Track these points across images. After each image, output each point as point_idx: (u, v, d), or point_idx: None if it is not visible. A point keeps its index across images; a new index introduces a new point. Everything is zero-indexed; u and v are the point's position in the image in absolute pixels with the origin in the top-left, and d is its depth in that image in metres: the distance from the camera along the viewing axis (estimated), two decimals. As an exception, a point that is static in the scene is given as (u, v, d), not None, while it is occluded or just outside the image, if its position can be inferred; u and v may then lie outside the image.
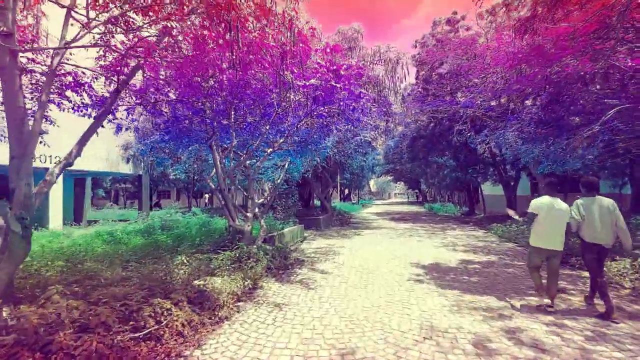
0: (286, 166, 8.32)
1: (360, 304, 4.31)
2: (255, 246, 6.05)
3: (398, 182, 62.41)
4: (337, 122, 7.62)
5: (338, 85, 5.22)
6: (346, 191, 48.75)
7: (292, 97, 5.75)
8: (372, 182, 68.73)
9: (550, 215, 4.04)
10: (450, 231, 12.35)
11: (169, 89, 5.32)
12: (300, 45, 4.42)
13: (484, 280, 5.43)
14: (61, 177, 12.08)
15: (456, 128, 12.31)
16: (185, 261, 4.25)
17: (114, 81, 3.97)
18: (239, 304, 4.03)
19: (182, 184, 27.05)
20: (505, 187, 17.62)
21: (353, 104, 6.24)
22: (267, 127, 6.12)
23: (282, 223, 9.33)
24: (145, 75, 4.35)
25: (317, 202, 21.19)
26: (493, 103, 11.40)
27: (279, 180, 7.87)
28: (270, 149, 6.30)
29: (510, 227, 11.36)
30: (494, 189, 21.81)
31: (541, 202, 4.15)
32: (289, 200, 12.01)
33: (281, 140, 6.30)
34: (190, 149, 7.24)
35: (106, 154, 13.64)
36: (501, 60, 8.98)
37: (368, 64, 13.73)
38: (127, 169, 14.79)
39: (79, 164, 13.86)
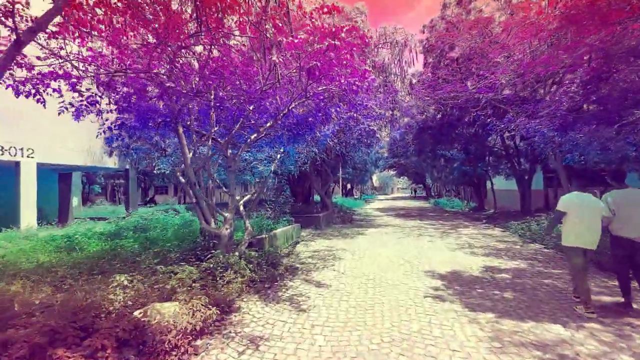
0: (279, 157, 7.20)
1: (365, 336, 3.21)
2: (237, 253, 4.96)
3: (401, 177, 61.21)
4: (337, 106, 6.49)
5: (339, 53, 4.08)
6: (348, 186, 47.65)
7: (279, 66, 4.62)
8: (375, 177, 67.51)
9: (583, 212, 3.77)
10: (463, 229, 11.21)
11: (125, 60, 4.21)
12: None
13: (520, 296, 4.31)
14: (34, 171, 11.04)
15: (473, 114, 11.07)
16: (126, 283, 3.18)
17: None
18: (198, 341, 2.95)
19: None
20: (519, 181, 16.40)
21: (356, 83, 5.07)
22: (251, 108, 4.99)
23: (274, 222, 8.23)
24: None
25: (317, 198, 20.11)
26: (517, 87, 10.13)
27: (268, 173, 6.76)
28: (255, 135, 5.17)
29: (531, 225, 10.20)
30: (504, 184, 20.59)
31: (570, 199, 3.90)
32: (280, 196, 10.90)
33: (268, 125, 5.17)
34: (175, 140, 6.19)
35: (88, 147, 12.57)
36: (528, 33, 7.76)
37: (372, 47, 12.51)
38: (111, 163, 13.73)
39: (58, 158, 12.86)
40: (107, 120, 5.46)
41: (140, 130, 6.18)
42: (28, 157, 10.74)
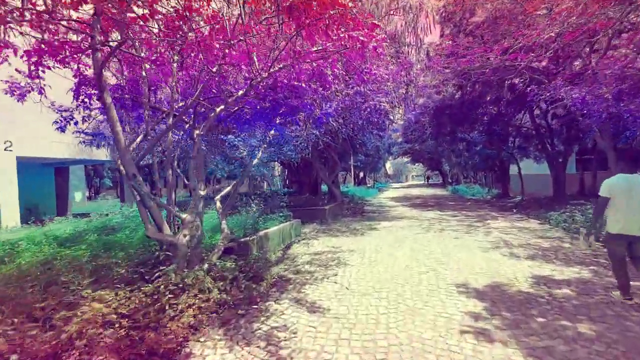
0: (268, 141, 5.90)
1: None
2: (206, 266, 3.72)
3: (416, 164, 59.11)
4: (335, 68, 5.10)
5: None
6: (361, 175, 46.09)
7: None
8: (388, 164, 65.49)
9: (631, 196, 3.39)
10: (492, 221, 9.69)
11: None
12: None
13: (605, 331, 2.91)
14: (14, 166, 10.16)
15: (508, 82, 9.35)
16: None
17: None
18: None
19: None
20: (552, 163, 14.58)
21: (361, 38, 3.65)
22: (214, 70, 3.66)
23: (265, 220, 6.98)
24: None
25: (326, 188, 18.74)
26: (563, 48, 8.32)
27: (256, 160, 5.48)
28: (221, 107, 3.85)
29: (575, 216, 8.60)
30: (531, 168, 18.69)
31: (616, 183, 3.51)
32: (268, 187, 9.61)
33: (240, 93, 3.83)
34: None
35: (72, 139, 11.59)
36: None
37: (382, 14, 10.87)
38: (102, 155, 12.78)
39: (40, 151, 11.97)
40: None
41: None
42: (5, 150, 9.85)
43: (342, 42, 3.64)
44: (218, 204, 4.73)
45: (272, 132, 5.94)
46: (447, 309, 3.53)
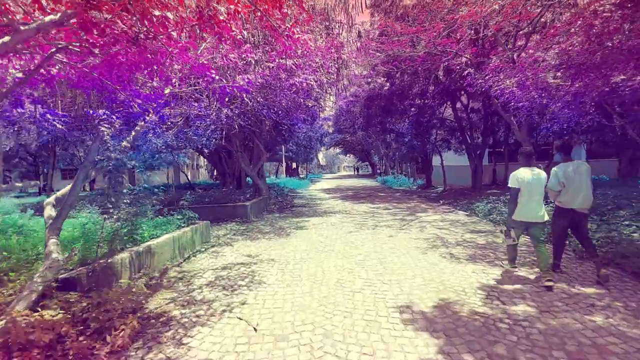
0: (150, 116, 4.19)
1: None
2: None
3: (347, 155, 60.53)
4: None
5: None
6: (294, 165, 45.02)
7: None
8: (320, 155, 65.91)
9: (533, 187, 3.79)
10: (423, 214, 9.36)
11: None
12: None
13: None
14: None
15: (443, 65, 8.93)
16: None
17: None
18: None
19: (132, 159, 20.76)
20: (471, 155, 15.32)
21: None
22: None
23: (159, 224, 5.25)
24: None
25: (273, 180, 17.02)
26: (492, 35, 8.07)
27: (125, 143, 3.76)
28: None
29: (497, 205, 8.70)
30: (452, 159, 19.75)
31: (522, 175, 3.83)
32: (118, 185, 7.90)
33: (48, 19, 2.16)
34: None
35: None
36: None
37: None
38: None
39: None
40: None
41: None
42: None
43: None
44: (48, 210, 2.95)
45: (154, 108, 4.23)
46: (391, 348, 2.49)
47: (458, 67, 10.01)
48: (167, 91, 4.74)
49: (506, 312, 3.11)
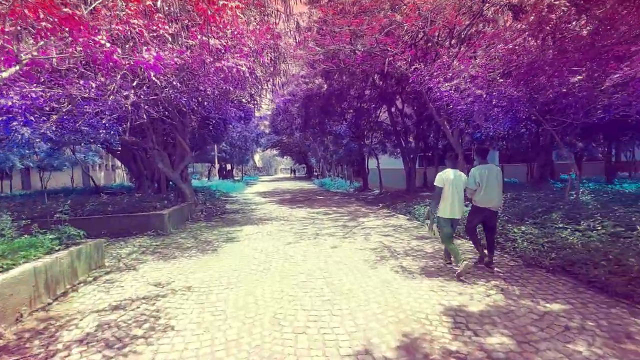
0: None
1: None
2: None
3: (284, 157, 59.60)
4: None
5: None
6: (228, 167, 42.37)
7: None
8: (257, 157, 63.75)
9: (455, 187, 4.19)
10: (364, 220, 8.91)
11: None
12: None
13: None
14: None
15: (388, 60, 8.54)
16: None
17: None
18: None
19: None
20: (405, 159, 15.71)
21: None
22: None
23: (23, 245, 3.66)
24: None
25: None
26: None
27: None
28: None
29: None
30: (386, 162, 20.24)
31: (446, 175, 4.24)
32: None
33: None
34: None
35: None
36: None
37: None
38: None
39: None
40: None
41: None
42: None
43: None
44: None
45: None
46: None
47: (395, 71, 9.89)
48: (24, 58, 3.27)
49: (483, 348, 2.54)
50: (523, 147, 14.48)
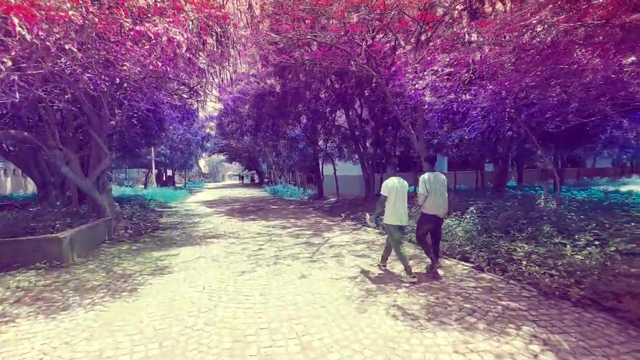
0: None
1: None
2: None
3: (233, 162, 56.55)
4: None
5: None
6: (169, 172, 38.37)
7: None
8: (202, 162, 59.50)
9: (400, 194, 4.28)
10: (330, 235, 7.70)
11: None
12: None
13: None
14: None
15: (355, 55, 7.49)
16: None
17: None
18: None
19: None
20: (364, 165, 14.98)
21: None
22: None
23: None
24: None
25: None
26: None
27: None
28: None
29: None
30: (341, 169, 19.46)
31: (392, 183, 4.29)
32: None
33: None
34: None
35: None
36: None
37: None
38: None
39: None
40: None
41: None
42: None
43: None
44: None
45: None
46: None
47: (360, 70, 8.97)
48: None
49: None
50: (477, 154, 14.63)
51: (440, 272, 4.51)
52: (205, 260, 5.58)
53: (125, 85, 6.25)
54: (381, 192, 4.36)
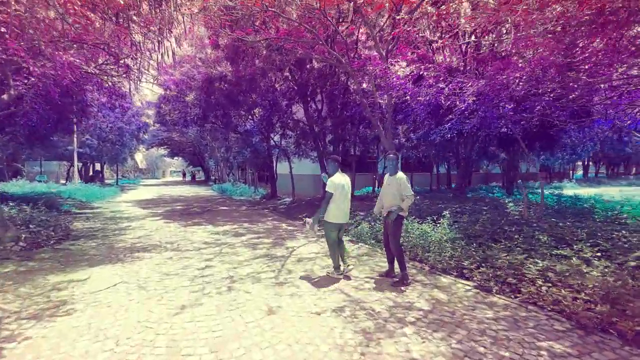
0: None
1: None
2: None
3: (175, 158, 51.98)
4: None
5: None
6: (97, 166, 33.46)
7: None
8: (140, 157, 53.55)
9: (344, 192, 4.18)
10: (294, 244, 6.47)
11: None
12: None
13: None
14: None
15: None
16: None
17: None
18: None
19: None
20: (323, 164, 13.99)
21: None
22: None
23: None
24: None
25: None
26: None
27: None
28: None
29: (363, 227, 6.85)
30: (297, 168, 18.28)
31: (338, 181, 4.17)
32: None
33: None
34: None
35: None
36: None
37: None
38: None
39: None
40: None
41: None
42: None
43: None
44: None
45: None
46: None
47: (330, 57, 7.89)
48: None
49: None
50: (438, 155, 14.53)
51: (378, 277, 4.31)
52: (127, 288, 3.99)
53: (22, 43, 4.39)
54: (327, 190, 4.16)
